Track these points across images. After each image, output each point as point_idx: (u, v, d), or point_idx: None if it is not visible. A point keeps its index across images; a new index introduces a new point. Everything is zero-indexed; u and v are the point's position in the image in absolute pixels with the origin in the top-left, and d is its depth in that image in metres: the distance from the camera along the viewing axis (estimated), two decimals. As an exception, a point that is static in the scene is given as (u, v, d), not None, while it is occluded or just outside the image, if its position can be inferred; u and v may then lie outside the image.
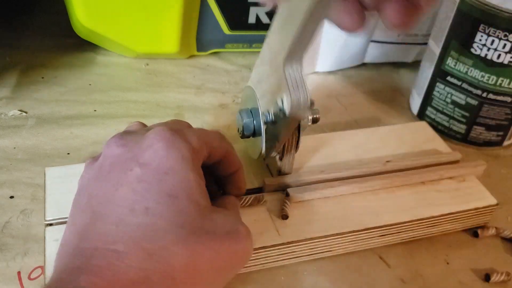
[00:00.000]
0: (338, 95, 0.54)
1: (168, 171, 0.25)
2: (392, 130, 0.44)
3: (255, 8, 0.53)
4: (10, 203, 0.37)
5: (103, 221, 0.24)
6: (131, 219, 0.24)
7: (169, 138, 0.26)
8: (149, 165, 0.25)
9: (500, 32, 0.41)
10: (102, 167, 0.27)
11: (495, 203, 0.37)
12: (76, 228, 0.25)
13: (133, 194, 0.25)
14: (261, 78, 0.33)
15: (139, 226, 0.24)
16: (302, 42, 0.28)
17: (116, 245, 0.23)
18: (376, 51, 0.58)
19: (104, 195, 0.25)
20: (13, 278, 0.31)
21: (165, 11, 0.49)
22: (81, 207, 0.26)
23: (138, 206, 0.25)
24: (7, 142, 0.42)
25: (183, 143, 0.27)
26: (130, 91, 0.50)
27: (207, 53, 0.57)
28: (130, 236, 0.24)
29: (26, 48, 0.55)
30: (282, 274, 0.34)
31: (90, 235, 0.24)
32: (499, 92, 0.44)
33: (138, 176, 0.25)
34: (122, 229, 0.24)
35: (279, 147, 0.34)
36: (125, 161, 0.26)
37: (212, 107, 0.50)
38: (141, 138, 0.27)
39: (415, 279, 0.34)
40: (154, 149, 0.26)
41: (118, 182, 0.25)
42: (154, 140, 0.26)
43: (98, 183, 0.26)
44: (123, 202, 0.25)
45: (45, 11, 0.61)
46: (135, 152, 0.26)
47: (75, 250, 0.24)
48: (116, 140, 0.27)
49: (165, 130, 0.27)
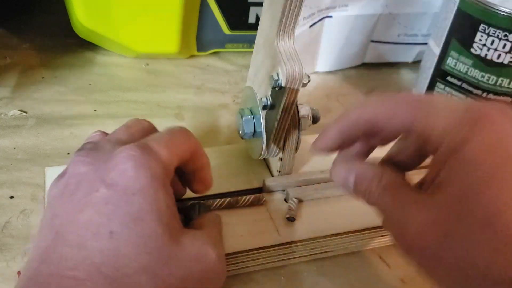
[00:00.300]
0: (338, 95, 0.54)
1: (136, 192, 0.24)
2: None
3: (255, 8, 0.53)
4: (10, 203, 0.37)
5: (65, 243, 0.23)
6: (94, 243, 0.23)
7: (139, 157, 0.25)
8: (116, 186, 0.24)
9: (500, 32, 0.41)
10: (68, 185, 0.25)
11: None
12: (38, 250, 0.24)
13: (98, 217, 0.24)
14: (257, 67, 0.34)
15: (101, 251, 0.23)
16: (292, 13, 0.28)
17: (76, 271, 0.22)
18: (376, 51, 0.58)
19: (68, 216, 0.24)
20: (13, 278, 0.31)
21: (165, 11, 0.49)
22: (45, 227, 0.25)
23: (103, 229, 0.23)
24: (7, 142, 0.42)
25: (153, 161, 0.25)
26: (130, 91, 0.50)
27: (207, 53, 0.57)
28: (91, 261, 0.23)
29: (26, 48, 0.55)
30: (282, 274, 0.34)
31: (50, 258, 0.23)
32: (499, 92, 0.44)
33: (104, 198, 0.24)
34: (84, 254, 0.23)
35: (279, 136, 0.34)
36: (92, 181, 0.25)
37: (212, 107, 0.50)
38: (109, 156, 0.25)
39: (415, 279, 0.34)
40: (123, 169, 0.24)
41: (83, 203, 0.24)
42: (122, 159, 0.25)
43: (62, 202, 0.25)
44: (87, 225, 0.23)
45: (45, 11, 0.61)
46: (102, 171, 0.25)
47: (34, 273, 0.23)
48: (82, 158, 0.26)
49: (134, 148, 0.25)
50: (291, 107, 0.32)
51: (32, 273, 0.23)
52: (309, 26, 0.50)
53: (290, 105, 0.31)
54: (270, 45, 0.31)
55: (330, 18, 0.52)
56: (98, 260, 0.23)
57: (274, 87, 0.30)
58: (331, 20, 0.52)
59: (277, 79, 0.30)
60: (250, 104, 0.35)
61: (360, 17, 0.53)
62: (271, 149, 0.34)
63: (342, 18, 0.52)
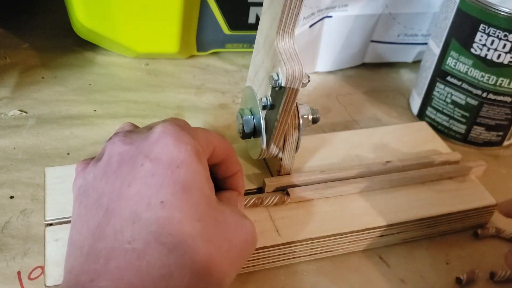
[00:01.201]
0: (338, 95, 0.54)
1: (179, 165, 0.25)
2: (392, 131, 0.44)
3: (255, 8, 0.53)
4: (10, 203, 0.37)
5: (118, 218, 0.24)
6: (147, 214, 0.24)
7: (177, 133, 0.26)
8: (160, 159, 0.25)
9: (500, 32, 0.41)
10: (109, 164, 0.26)
11: (495, 203, 0.37)
12: (89, 228, 0.25)
13: (147, 189, 0.24)
14: (257, 67, 0.34)
15: (156, 220, 0.24)
16: (292, 13, 0.28)
17: (135, 243, 0.23)
18: (376, 51, 0.58)
19: (116, 192, 0.25)
20: (13, 278, 0.31)
21: (165, 11, 0.49)
22: (91, 207, 0.26)
23: (153, 200, 0.24)
24: (7, 142, 0.42)
25: (190, 137, 0.26)
26: (130, 91, 0.50)
27: (207, 53, 0.57)
28: (147, 231, 0.23)
29: (26, 48, 0.55)
30: (282, 274, 0.34)
31: (105, 234, 0.24)
32: (499, 92, 0.44)
33: (150, 170, 0.25)
34: (139, 225, 0.23)
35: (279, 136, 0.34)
36: (134, 156, 0.26)
37: (212, 107, 0.50)
38: (147, 134, 0.27)
39: (415, 279, 0.34)
40: (163, 143, 0.25)
41: (129, 178, 0.25)
42: (162, 134, 0.26)
43: (107, 180, 0.26)
44: (138, 197, 0.24)
45: (45, 11, 0.61)
46: (143, 147, 0.26)
47: (91, 251, 0.24)
48: (121, 138, 0.27)
49: (172, 125, 0.26)
50: (291, 107, 0.32)
51: (88, 250, 0.24)
52: (309, 26, 0.50)
53: (290, 105, 0.31)
54: (270, 45, 0.31)
55: (330, 18, 0.52)
56: (153, 229, 0.23)
57: (274, 87, 0.30)
58: (331, 20, 0.52)
59: (277, 79, 0.30)
60: (250, 104, 0.35)
61: (360, 17, 0.53)
62: (271, 149, 0.34)
63: (342, 18, 0.52)
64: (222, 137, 0.30)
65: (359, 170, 0.38)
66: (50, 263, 0.29)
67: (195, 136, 0.27)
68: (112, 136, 0.28)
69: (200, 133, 0.28)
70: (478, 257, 0.37)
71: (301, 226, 0.34)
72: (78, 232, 0.26)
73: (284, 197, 0.35)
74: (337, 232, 0.34)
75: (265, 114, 0.33)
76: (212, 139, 0.29)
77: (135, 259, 0.23)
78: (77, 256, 0.24)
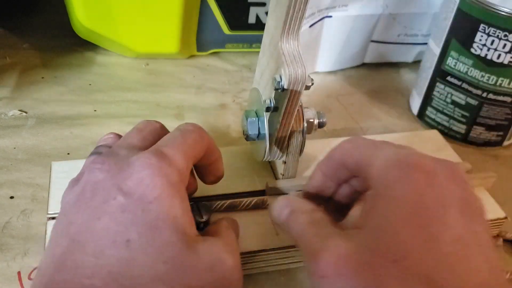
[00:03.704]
0: (338, 95, 0.54)
1: (152, 201, 0.24)
2: (401, 138, 0.43)
3: (255, 8, 0.53)
4: (10, 203, 0.37)
5: (82, 251, 0.23)
6: (111, 252, 0.23)
7: (154, 165, 0.25)
8: (132, 194, 0.24)
9: (500, 32, 0.41)
10: (83, 193, 0.25)
11: (504, 216, 0.36)
12: (53, 257, 0.24)
13: (115, 225, 0.24)
14: (263, 69, 0.34)
15: (119, 260, 0.23)
16: (296, 15, 0.28)
17: (93, 279, 0.22)
18: (376, 51, 0.58)
19: (84, 224, 0.24)
20: (13, 278, 0.31)
21: (165, 11, 0.49)
22: (59, 234, 0.25)
23: (120, 238, 0.23)
24: (7, 142, 0.42)
25: (169, 168, 0.25)
26: (130, 91, 0.50)
27: (207, 53, 0.57)
28: (108, 270, 0.23)
29: (26, 48, 0.55)
30: (282, 274, 0.34)
31: (66, 266, 0.23)
32: (499, 92, 0.44)
33: (121, 206, 0.24)
34: (101, 262, 0.23)
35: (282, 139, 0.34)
36: (108, 188, 0.25)
37: (212, 107, 0.50)
38: (126, 164, 0.25)
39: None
40: (139, 177, 0.25)
41: (100, 211, 0.24)
42: (139, 167, 0.25)
43: (78, 210, 0.25)
44: (105, 232, 0.23)
45: (45, 11, 0.61)
46: (118, 179, 0.25)
47: (50, 281, 0.23)
48: (99, 165, 0.26)
49: (150, 156, 0.25)
50: (294, 109, 0.31)
51: (48, 281, 0.23)
52: (309, 26, 0.50)
53: (292, 108, 0.31)
54: (275, 47, 0.31)
55: (330, 18, 0.52)
56: (115, 269, 0.23)
57: (276, 88, 0.30)
58: (331, 20, 0.52)
59: (279, 80, 0.30)
60: (255, 106, 0.35)
61: (360, 17, 0.53)
62: (274, 152, 0.34)
63: (342, 18, 0.52)
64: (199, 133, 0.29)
65: None
66: None
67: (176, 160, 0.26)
68: (92, 156, 0.27)
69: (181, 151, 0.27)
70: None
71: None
72: (44, 259, 0.25)
73: (263, 200, 0.34)
74: None
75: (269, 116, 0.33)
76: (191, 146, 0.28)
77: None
78: (38, 282, 0.24)
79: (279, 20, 0.29)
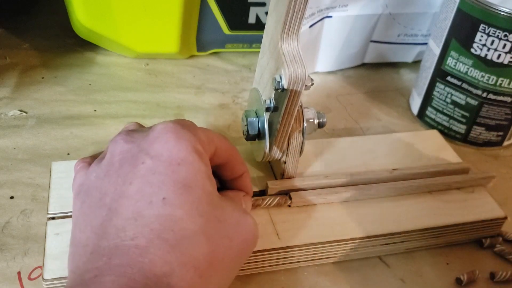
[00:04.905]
0: (338, 95, 0.54)
1: (180, 162, 0.25)
2: (401, 138, 0.43)
3: (255, 8, 0.53)
4: (10, 203, 0.37)
5: (121, 216, 0.24)
6: (149, 211, 0.24)
7: (177, 130, 0.26)
8: (160, 157, 0.25)
9: (500, 32, 0.41)
10: (111, 164, 0.26)
11: (503, 215, 0.36)
12: (92, 227, 0.25)
13: (148, 187, 0.25)
14: (263, 69, 0.34)
15: (158, 217, 0.24)
16: (296, 15, 0.29)
17: (137, 240, 0.23)
18: (376, 51, 0.58)
19: (118, 191, 0.25)
20: (13, 278, 0.31)
21: (165, 11, 0.49)
22: (94, 206, 0.26)
23: (155, 197, 0.24)
24: (7, 142, 0.42)
25: (191, 135, 0.26)
26: (130, 91, 0.50)
27: (207, 53, 0.57)
28: (150, 228, 0.24)
29: (26, 48, 0.55)
30: (282, 274, 0.34)
31: (108, 232, 0.24)
32: (499, 92, 0.44)
33: (151, 168, 0.25)
34: (141, 223, 0.24)
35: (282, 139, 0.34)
36: (135, 155, 0.26)
37: (212, 107, 0.50)
38: (148, 132, 0.27)
39: (415, 279, 0.34)
40: (164, 140, 0.26)
41: (131, 176, 0.25)
42: (162, 132, 0.26)
43: (110, 180, 0.26)
44: (139, 195, 0.24)
45: (45, 11, 0.61)
46: (144, 145, 0.26)
47: (94, 249, 0.24)
48: (123, 137, 0.27)
49: (173, 123, 0.27)
50: (294, 109, 0.31)
51: (92, 250, 0.24)
52: (309, 26, 0.50)
53: (292, 108, 0.31)
54: (275, 47, 0.30)
55: (330, 18, 0.52)
56: (156, 226, 0.24)
57: (276, 88, 0.30)
58: (331, 20, 0.52)
59: (279, 80, 0.30)
60: (255, 106, 0.35)
61: (360, 17, 0.53)
62: (274, 152, 0.34)
63: (342, 18, 0.52)
64: (224, 137, 0.30)
65: (365, 176, 0.37)
66: (49, 257, 0.30)
67: (196, 134, 0.27)
68: (115, 136, 0.28)
69: (201, 131, 0.28)
70: (478, 258, 0.37)
71: (302, 231, 0.33)
72: (81, 232, 0.26)
73: (285, 199, 0.35)
74: (338, 239, 0.33)
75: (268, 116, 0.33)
76: (213, 138, 0.29)
77: (138, 256, 0.23)
78: (81, 256, 0.25)
79: (279, 20, 0.29)
